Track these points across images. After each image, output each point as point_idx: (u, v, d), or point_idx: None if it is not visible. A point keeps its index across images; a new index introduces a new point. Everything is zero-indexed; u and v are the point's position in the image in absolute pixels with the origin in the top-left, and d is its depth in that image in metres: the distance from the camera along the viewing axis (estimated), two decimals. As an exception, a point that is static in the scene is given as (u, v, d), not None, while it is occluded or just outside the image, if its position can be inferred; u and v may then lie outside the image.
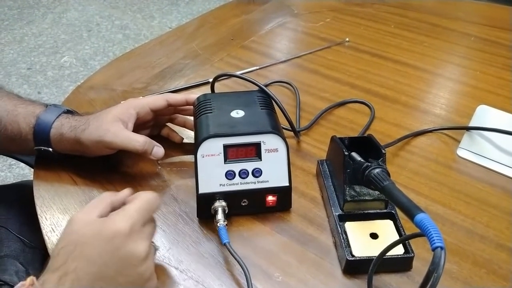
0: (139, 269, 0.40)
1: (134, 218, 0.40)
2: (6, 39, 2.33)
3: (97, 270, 0.38)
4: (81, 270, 0.37)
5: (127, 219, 0.40)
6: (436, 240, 0.34)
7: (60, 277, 0.37)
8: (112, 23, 2.52)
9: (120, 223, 0.39)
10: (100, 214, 0.41)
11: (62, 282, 0.37)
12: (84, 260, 0.38)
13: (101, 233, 0.39)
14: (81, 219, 0.40)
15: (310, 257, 0.48)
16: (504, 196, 0.56)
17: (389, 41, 0.91)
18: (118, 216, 0.40)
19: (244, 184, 0.50)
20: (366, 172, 0.46)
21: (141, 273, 0.40)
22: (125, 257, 0.39)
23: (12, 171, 1.55)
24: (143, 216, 0.41)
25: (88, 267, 0.38)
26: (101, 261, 0.38)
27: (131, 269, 0.39)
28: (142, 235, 0.41)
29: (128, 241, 0.39)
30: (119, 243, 0.38)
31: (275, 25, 0.98)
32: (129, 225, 0.39)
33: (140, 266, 0.40)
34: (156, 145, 0.55)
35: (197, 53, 0.87)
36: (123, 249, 0.39)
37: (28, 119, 0.55)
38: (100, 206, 0.42)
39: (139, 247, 0.39)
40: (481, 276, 0.46)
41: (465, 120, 0.69)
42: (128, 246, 0.39)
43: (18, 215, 0.65)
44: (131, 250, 0.39)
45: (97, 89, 0.76)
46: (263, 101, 0.56)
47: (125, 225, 0.39)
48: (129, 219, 0.40)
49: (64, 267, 0.37)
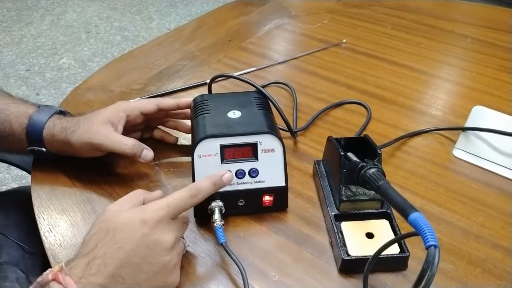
0: (164, 258, 0.41)
1: (164, 211, 0.42)
2: (4, 41, 2.33)
3: (124, 256, 0.39)
4: (109, 256, 0.39)
5: (157, 210, 0.42)
6: (429, 239, 0.34)
7: (88, 262, 0.39)
8: (110, 25, 2.52)
9: (150, 213, 0.41)
10: (131, 207, 0.43)
11: (89, 267, 0.38)
12: (113, 246, 0.39)
13: (131, 221, 0.41)
14: (114, 209, 0.43)
15: (307, 256, 0.48)
16: (499, 196, 0.56)
17: (386, 43, 0.91)
18: (150, 206, 0.43)
19: (241, 184, 0.51)
20: (362, 172, 0.46)
21: (165, 263, 0.41)
22: (152, 244, 0.40)
23: (11, 173, 1.55)
24: (173, 211, 0.43)
25: (116, 252, 0.39)
26: (129, 247, 0.40)
27: (156, 257, 0.41)
28: (171, 227, 0.43)
29: (155, 230, 0.41)
30: (148, 230, 0.40)
31: (272, 27, 0.99)
32: (159, 215, 0.41)
33: (164, 255, 0.41)
34: (145, 148, 0.55)
35: (194, 54, 0.88)
36: (151, 236, 0.41)
37: (20, 119, 0.55)
38: (132, 201, 0.44)
39: (166, 236, 0.41)
40: (476, 275, 0.47)
41: (461, 121, 0.69)
42: (155, 234, 0.41)
43: (17, 221, 0.65)
44: (158, 238, 0.41)
45: (95, 90, 0.76)
46: (260, 101, 0.56)
47: (153, 216, 0.41)
48: (160, 211, 0.42)
49: (93, 252, 0.39)
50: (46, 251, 0.49)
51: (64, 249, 0.49)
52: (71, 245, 0.49)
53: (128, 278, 0.39)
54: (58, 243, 0.49)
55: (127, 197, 0.45)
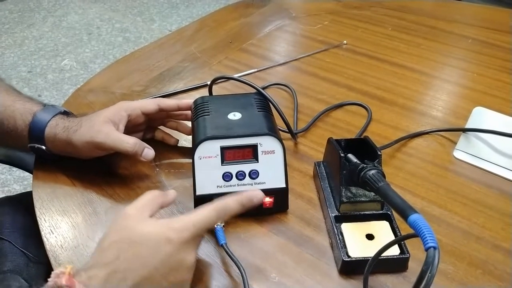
0: (184, 277, 0.41)
1: (190, 232, 0.41)
2: (6, 43, 2.34)
3: (146, 273, 0.38)
4: (130, 272, 0.38)
5: (183, 230, 0.40)
6: (429, 240, 0.34)
7: (109, 274, 0.37)
8: (112, 26, 2.53)
9: (177, 232, 0.40)
10: (151, 214, 0.42)
11: (110, 280, 0.37)
12: (137, 262, 0.38)
13: (157, 237, 0.40)
14: (134, 215, 0.41)
15: (307, 257, 0.48)
16: (500, 197, 0.56)
17: (387, 44, 0.92)
18: (176, 223, 0.41)
19: (241, 185, 0.51)
20: (362, 173, 0.46)
21: (185, 281, 0.41)
22: (175, 264, 0.40)
23: (12, 174, 1.56)
24: (198, 232, 0.42)
25: (139, 269, 0.38)
26: (152, 265, 0.39)
27: (177, 276, 0.40)
28: (194, 246, 0.42)
29: (180, 251, 0.40)
30: (172, 250, 0.39)
31: (273, 28, 0.99)
32: (184, 236, 0.40)
33: (185, 274, 0.41)
34: (146, 146, 0.55)
35: (195, 56, 0.88)
36: (175, 257, 0.40)
37: (25, 115, 0.56)
38: (150, 206, 0.43)
39: (189, 257, 0.41)
40: (477, 277, 0.47)
41: (461, 122, 0.69)
42: (180, 255, 0.40)
43: (24, 228, 0.64)
44: (182, 258, 0.40)
45: (96, 92, 0.76)
46: (260, 103, 0.56)
47: (180, 235, 0.40)
48: (185, 231, 0.40)
49: (114, 264, 0.38)
50: (47, 252, 0.49)
51: (65, 251, 0.49)
52: (72, 247, 0.49)
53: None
54: (59, 244, 0.50)
55: (144, 201, 0.43)
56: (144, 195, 0.44)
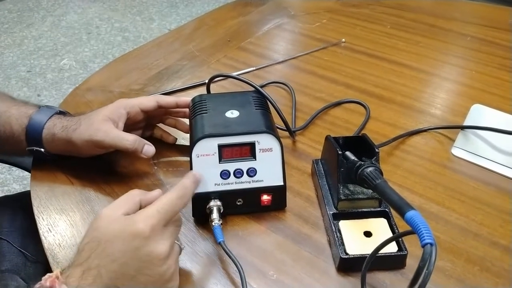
0: (160, 269, 0.40)
1: (155, 219, 0.40)
2: (5, 42, 2.34)
3: (118, 268, 0.38)
4: (103, 267, 0.38)
5: (148, 220, 0.40)
6: (426, 237, 0.34)
7: (83, 271, 0.38)
8: (111, 26, 2.53)
9: (141, 224, 0.39)
10: (126, 212, 0.41)
11: (85, 277, 0.38)
12: (106, 258, 0.39)
13: (123, 233, 0.39)
14: (107, 215, 0.41)
15: (305, 255, 0.48)
16: (498, 194, 0.56)
17: (385, 42, 0.91)
18: (140, 216, 0.40)
19: (239, 183, 0.51)
20: (359, 170, 0.46)
21: (162, 273, 0.40)
22: (146, 257, 0.39)
23: (12, 173, 1.56)
24: (165, 217, 0.41)
25: (109, 264, 0.38)
26: (122, 260, 0.39)
27: (152, 268, 0.40)
28: (164, 235, 0.41)
29: (148, 242, 0.39)
30: (140, 244, 0.39)
31: (272, 27, 0.99)
32: (149, 226, 0.39)
33: (160, 266, 0.40)
34: (146, 143, 0.55)
35: (194, 54, 0.88)
36: (144, 249, 0.39)
37: (20, 119, 0.56)
38: (128, 204, 0.42)
39: (160, 247, 0.40)
40: (475, 273, 0.47)
41: (460, 120, 0.69)
42: (148, 247, 0.39)
43: (22, 228, 0.65)
44: (152, 250, 0.39)
45: (95, 91, 0.76)
46: (258, 101, 0.56)
47: (145, 226, 0.39)
48: (150, 220, 0.40)
49: (87, 262, 0.38)
50: (45, 251, 0.49)
51: (63, 249, 0.49)
52: (70, 245, 0.49)
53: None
54: (57, 243, 0.50)
55: (122, 200, 0.43)
56: (123, 195, 0.44)
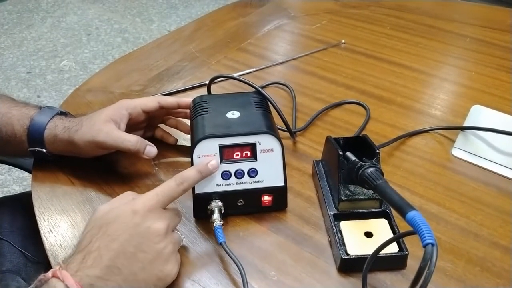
0: (157, 246, 0.42)
1: (153, 200, 0.43)
2: (5, 43, 2.34)
3: (118, 246, 0.40)
4: (103, 248, 0.40)
5: (146, 200, 0.43)
6: (427, 237, 0.34)
7: (84, 256, 0.40)
8: (111, 27, 2.53)
9: (140, 204, 0.43)
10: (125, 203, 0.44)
11: (85, 260, 0.39)
12: (107, 238, 0.40)
13: (123, 213, 0.42)
14: (104, 208, 0.44)
15: (306, 256, 0.49)
16: (498, 194, 0.57)
17: (385, 43, 0.92)
18: (140, 198, 0.44)
19: (240, 184, 0.51)
20: (360, 171, 0.46)
21: (159, 250, 0.42)
22: (144, 233, 0.41)
23: (12, 174, 1.56)
24: (163, 199, 0.44)
25: (110, 244, 0.40)
26: (122, 237, 0.41)
27: (150, 244, 0.42)
28: (161, 215, 0.44)
29: (147, 218, 0.42)
30: (139, 220, 0.42)
31: (272, 28, 0.99)
32: (148, 205, 0.43)
33: (158, 242, 0.42)
34: (148, 144, 0.56)
35: (194, 55, 0.88)
36: (143, 225, 0.42)
37: (22, 120, 0.56)
38: (122, 200, 0.45)
39: (157, 224, 0.42)
40: (475, 274, 0.47)
41: (460, 120, 0.69)
42: (147, 222, 0.42)
43: (23, 228, 0.65)
44: (150, 225, 0.42)
45: (95, 92, 0.77)
46: (258, 102, 0.56)
47: (144, 206, 0.43)
48: (149, 201, 0.43)
49: (87, 247, 0.40)
50: (47, 251, 0.49)
51: (64, 250, 0.49)
52: (71, 246, 0.49)
53: (124, 268, 0.40)
54: (58, 243, 0.50)
55: (117, 198, 0.46)
56: (118, 196, 0.46)
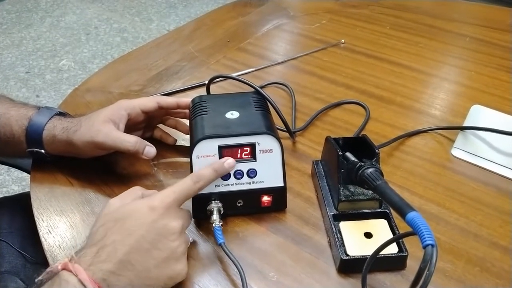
0: (172, 244, 0.42)
1: (171, 198, 0.44)
2: (4, 43, 2.33)
3: (134, 242, 0.40)
4: (119, 242, 0.40)
5: (165, 198, 0.43)
6: (426, 238, 0.34)
7: (98, 250, 0.39)
8: (110, 26, 2.52)
9: (158, 200, 0.43)
10: (134, 200, 0.44)
11: (99, 254, 0.39)
12: (123, 232, 0.40)
13: (140, 208, 0.42)
14: (117, 202, 0.44)
15: (305, 256, 0.48)
16: (497, 195, 0.56)
17: (385, 42, 0.92)
18: (157, 194, 0.44)
19: (239, 184, 0.51)
20: (360, 171, 0.46)
21: (173, 249, 0.42)
22: (161, 230, 0.42)
23: (11, 175, 1.56)
24: (180, 197, 0.44)
25: (126, 238, 0.40)
26: (139, 233, 0.41)
27: (165, 242, 0.42)
28: (178, 214, 0.44)
29: (164, 216, 0.42)
30: (156, 217, 0.42)
31: (271, 27, 0.99)
32: (166, 203, 0.43)
33: (173, 241, 0.42)
34: (147, 144, 0.56)
35: (193, 55, 0.88)
36: (160, 222, 0.42)
37: (20, 121, 0.56)
38: (132, 196, 0.45)
39: (174, 223, 0.43)
40: (475, 274, 0.47)
41: (459, 120, 0.69)
42: (164, 220, 0.42)
43: (21, 229, 0.65)
44: (167, 223, 0.42)
45: (94, 92, 0.76)
46: (258, 102, 0.56)
47: (161, 203, 0.43)
48: (167, 198, 0.43)
49: (102, 241, 0.40)
50: (45, 252, 0.49)
51: (63, 251, 0.49)
52: (70, 247, 0.49)
53: (138, 264, 0.40)
54: (57, 244, 0.50)
55: (126, 193, 0.46)
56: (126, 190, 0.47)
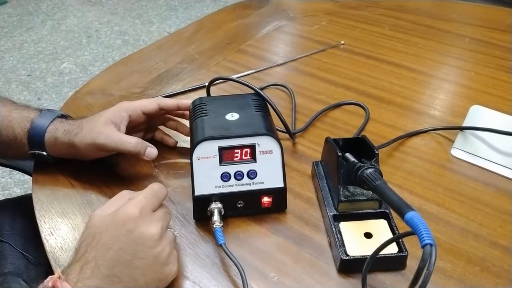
0: (154, 250, 0.42)
1: (142, 203, 0.43)
2: (5, 46, 2.34)
3: (114, 255, 0.40)
4: (99, 258, 0.40)
5: (136, 204, 0.43)
6: (425, 237, 0.34)
7: (81, 266, 0.39)
8: (111, 29, 2.53)
9: (130, 208, 0.42)
10: (116, 209, 0.43)
11: (83, 271, 0.39)
12: (102, 248, 0.40)
13: (114, 221, 0.42)
14: (98, 215, 0.43)
15: (306, 257, 0.49)
16: (497, 194, 0.57)
17: (384, 43, 0.92)
18: (128, 203, 0.43)
19: (240, 185, 0.51)
20: (359, 172, 0.46)
21: (156, 255, 0.42)
22: (139, 239, 0.41)
23: (13, 177, 1.56)
24: (152, 202, 0.44)
25: (105, 253, 0.40)
26: (117, 246, 0.40)
27: (146, 251, 0.41)
28: (153, 218, 0.43)
29: (139, 223, 0.41)
30: (131, 226, 0.41)
31: (271, 29, 0.99)
32: (138, 209, 0.42)
33: (154, 247, 0.42)
34: (149, 145, 0.56)
35: (193, 57, 0.88)
36: (136, 231, 0.41)
37: (22, 123, 0.56)
38: (118, 203, 0.44)
39: (151, 229, 0.42)
40: (475, 274, 0.47)
41: (459, 120, 0.70)
42: (140, 228, 0.41)
43: (23, 230, 0.65)
44: (143, 231, 0.41)
45: (95, 94, 0.77)
46: (258, 103, 0.56)
47: (134, 210, 0.42)
48: (138, 204, 0.43)
49: (84, 257, 0.40)
50: (47, 254, 0.49)
51: (65, 252, 0.49)
52: (72, 248, 0.49)
53: (124, 276, 0.40)
54: (59, 246, 0.50)
55: (112, 200, 0.45)
56: (114, 196, 0.46)
